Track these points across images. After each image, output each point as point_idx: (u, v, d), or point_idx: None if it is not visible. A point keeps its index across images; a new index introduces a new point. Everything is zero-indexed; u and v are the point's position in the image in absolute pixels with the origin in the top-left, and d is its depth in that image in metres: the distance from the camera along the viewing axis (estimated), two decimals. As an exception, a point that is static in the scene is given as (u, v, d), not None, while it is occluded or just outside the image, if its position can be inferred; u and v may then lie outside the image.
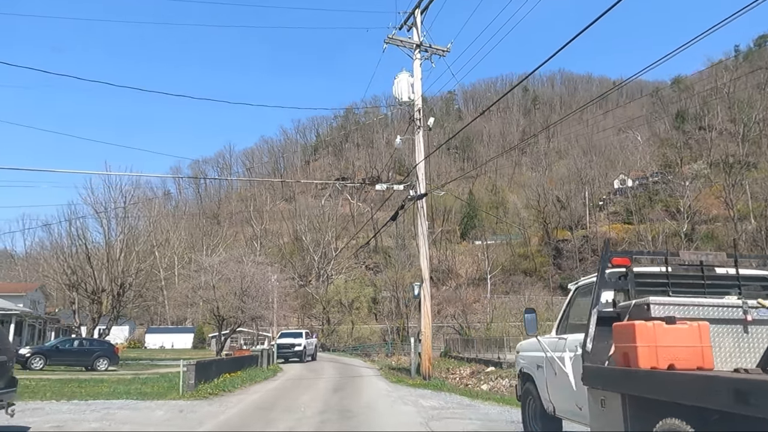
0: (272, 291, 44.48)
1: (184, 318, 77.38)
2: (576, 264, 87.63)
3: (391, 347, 64.80)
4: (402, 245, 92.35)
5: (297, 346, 32.17)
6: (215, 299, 36.68)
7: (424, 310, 19.37)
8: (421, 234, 19.81)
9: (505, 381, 36.51)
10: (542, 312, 68.58)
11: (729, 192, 78.16)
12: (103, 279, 31.74)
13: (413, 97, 20.37)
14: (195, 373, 14.78)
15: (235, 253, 48.21)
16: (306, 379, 21.00)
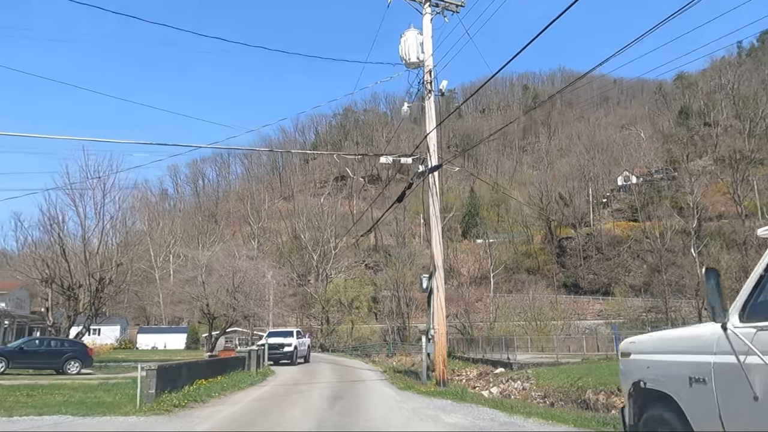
0: (268, 288, 41.26)
1: (181, 318, 74.30)
2: (580, 262, 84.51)
3: (392, 347, 61.95)
4: (402, 243, 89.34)
5: (287, 347, 28.22)
6: (205, 296, 33.45)
7: (437, 304, 16.17)
8: (434, 215, 16.61)
9: (517, 384, 33.19)
10: (546, 312, 65.63)
11: (737, 188, 75.06)
12: (79, 273, 28.47)
13: (423, 57, 17.20)
14: (156, 380, 11.56)
15: (227, 247, 44.81)
16: (300, 384, 17.76)
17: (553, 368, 33.26)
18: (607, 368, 29.71)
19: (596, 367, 30.68)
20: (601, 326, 69.54)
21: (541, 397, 28.89)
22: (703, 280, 4.01)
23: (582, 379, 27.19)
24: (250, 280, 35.37)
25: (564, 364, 34.98)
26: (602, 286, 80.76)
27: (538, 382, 30.69)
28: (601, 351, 45.79)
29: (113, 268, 30.11)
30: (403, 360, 55.77)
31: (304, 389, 15.94)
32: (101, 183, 28.66)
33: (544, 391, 28.92)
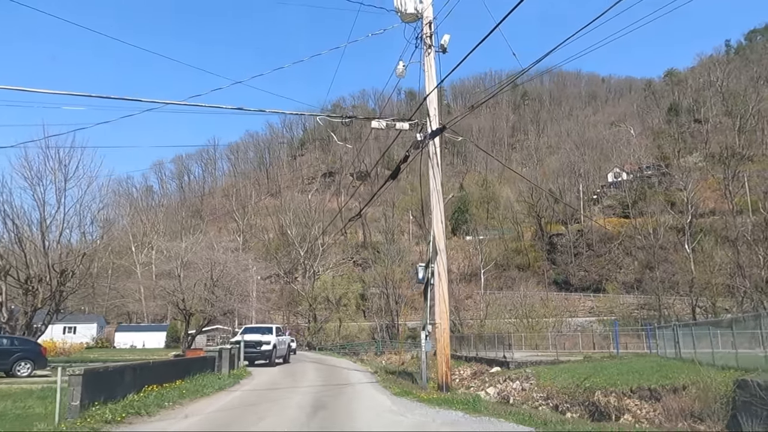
0: (251, 283, 38.31)
1: (165, 315, 71.05)
2: (571, 259, 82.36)
3: (381, 346, 59.50)
4: (391, 239, 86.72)
5: (264, 345, 24.51)
6: (181, 290, 30.42)
7: (439, 295, 13.47)
8: (434, 190, 13.92)
9: (515, 384, 30.51)
10: (538, 309, 63.20)
11: (728, 184, 73.32)
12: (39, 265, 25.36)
13: (421, 8, 14.49)
14: (83, 388, 8.72)
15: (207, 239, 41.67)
16: (277, 389, 14.95)
17: (553, 367, 30.72)
18: (615, 367, 27.17)
19: (601, 366, 28.18)
20: (593, 323, 67.57)
21: (544, 398, 26.25)
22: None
23: (589, 380, 24.60)
24: (231, 273, 32.36)
25: (564, 363, 32.46)
26: (593, 283, 78.72)
27: (539, 382, 28.07)
28: (597, 349, 43.60)
29: (77, 260, 26.99)
30: (392, 358, 53.13)
31: (280, 395, 13.15)
32: (62, 165, 25.55)
33: (547, 392, 26.30)
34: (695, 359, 25.05)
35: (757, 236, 65.91)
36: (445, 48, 14.50)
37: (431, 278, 18.71)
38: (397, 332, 69.93)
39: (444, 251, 13.67)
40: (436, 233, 13.68)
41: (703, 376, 19.97)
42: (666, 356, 29.07)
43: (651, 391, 22.15)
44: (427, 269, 18.92)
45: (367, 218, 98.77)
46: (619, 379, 23.53)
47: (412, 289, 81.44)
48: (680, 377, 21.84)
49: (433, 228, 13.79)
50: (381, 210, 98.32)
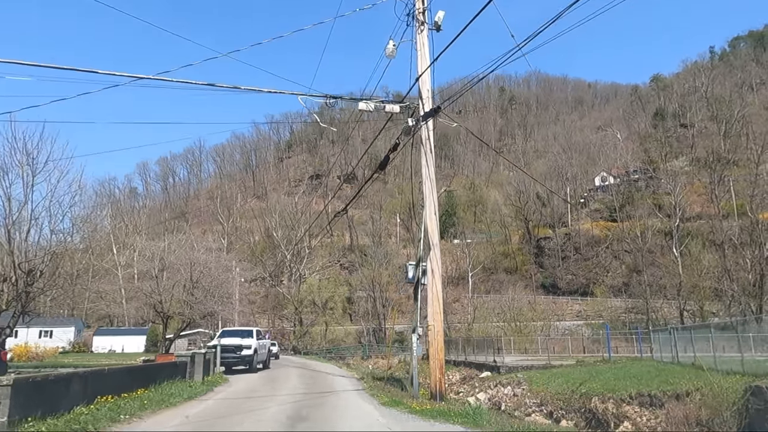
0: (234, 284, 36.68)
1: (149, 319, 68.77)
2: (558, 262, 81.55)
3: (368, 350, 57.96)
4: (378, 242, 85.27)
5: (245, 349, 22.38)
6: (158, 292, 28.74)
7: (433, 294, 12.12)
8: (427, 178, 12.59)
9: (507, 389, 29.18)
10: (526, 313, 62.14)
11: (715, 188, 73.08)
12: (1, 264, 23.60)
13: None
14: (13, 400, 7.23)
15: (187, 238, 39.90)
16: (254, 398, 13.48)
17: (545, 372, 29.49)
18: (610, 372, 26.01)
19: (596, 370, 27.01)
20: (581, 327, 66.81)
21: (537, 405, 24.95)
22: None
23: (585, 385, 23.34)
24: (212, 274, 30.71)
25: (557, 367, 31.27)
26: (581, 286, 77.94)
27: (532, 387, 26.80)
28: (587, 353, 42.58)
29: (46, 259, 25.20)
30: (379, 363, 51.68)
31: (256, 405, 11.69)
32: (30, 158, 23.80)
33: (540, 398, 25.01)
34: (695, 363, 23.98)
35: (744, 240, 65.62)
36: (439, 26, 13.20)
37: (422, 277, 17.41)
38: (384, 336, 68.50)
39: (438, 246, 12.34)
40: (429, 226, 12.35)
41: (709, 382, 18.87)
42: (662, 360, 28.01)
43: (651, 397, 20.96)
44: (418, 267, 17.58)
45: (354, 221, 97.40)
46: (617, 385, 22.32)
47: (400, 293, 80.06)
48: (682, 383, 20.66)
49: (425, 220, 12.45)
50: (368, 213, 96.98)
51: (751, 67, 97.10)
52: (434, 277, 12.10)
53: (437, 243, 12.34)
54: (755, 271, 53.56)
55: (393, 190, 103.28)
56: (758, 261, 52.28)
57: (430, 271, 12.14)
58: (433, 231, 12.34)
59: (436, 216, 12.46)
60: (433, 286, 12.05)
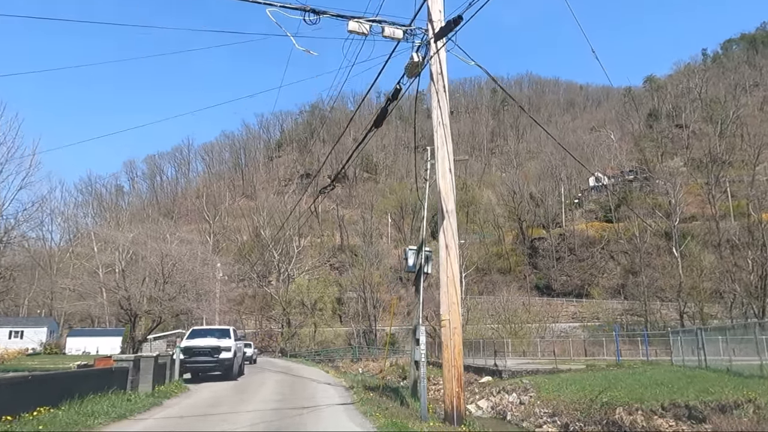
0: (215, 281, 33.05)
1: (118, 318, 64.75)
2: (553, 263, 78.56)
3: (357, 352, 54.68)
4: (369, 242, 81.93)
5: (224, 352, 18.38)
6: (125, 287, 25.12)
7: (448, 278, 8.75)
8: (440, 124, 9.26)
9: (512, 396, 25.90)
10: (521, 314, 59.06)
11: (711, 189, 70.55)
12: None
13: None
14: None
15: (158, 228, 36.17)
16: (209, 417, 10.00)
17: (553, 377, 26.19)
18: (630, 378, 22.74)
19: (612, 376, 23.77)
20: (576, 329, 63.98)
21: (549, 415, 21.55)
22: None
23: (605, 393, 20.04)
24: (187, 268, 27.12)
25: (564, 372, 28.04)
26: (575, 288, 75.09)
27: (541, 394, 23.42)
28: (589, 356, 39.55)
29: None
30: (370, 366, 48.21)
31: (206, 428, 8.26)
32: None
33: (552, 407, 21.60)
34: (732, 369, 20.82)
35: (745, 240, 63.04)
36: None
37: (425, 264, 14.06)
38: (374, 338, 65.27)
39: (453, 214, 9.00)
40: (442, 188, 9.01)
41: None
42: (685, 365, 24.89)
43: (689, 408, 17.64)
44: (420, 253, 14.25)
45: (344, 221, 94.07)
46: (644, 394, 19.02)
47: (391, 293, 76.67)
48: (725, 392, 17.43)
49: (438, 180, 9.11)
50: (359, 212, 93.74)
51: (744, 69, 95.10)
52: (449, 255, 8.74)
53: (453, 210, 9.00)
54: (757, 271, 50.91)
55: (384, 190, 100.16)
56: (761, 261, 49.71)
57: (444, 247, 8.78)
58: (447, 193, 8.99)
59: (452, 174, 9.13)
60: (448, 267, 8.70)
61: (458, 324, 8.70)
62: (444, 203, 9.07)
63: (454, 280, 8.75)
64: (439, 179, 9.22)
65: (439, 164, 9.27)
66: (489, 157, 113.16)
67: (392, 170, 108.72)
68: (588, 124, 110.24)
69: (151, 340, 33.67)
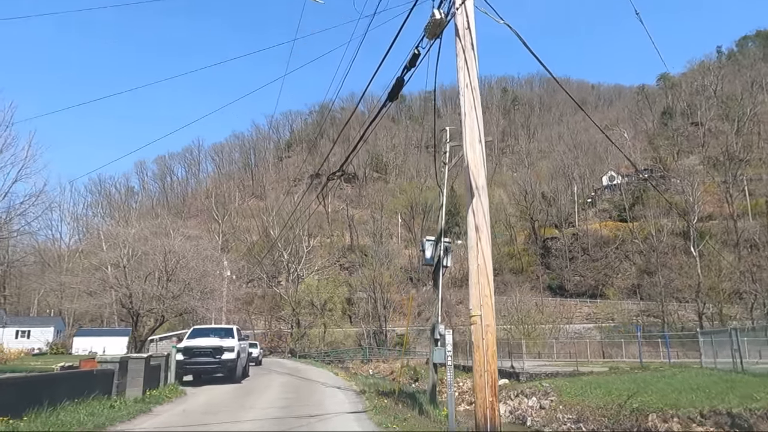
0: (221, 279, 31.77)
1: (120, 316, 63.74)
2: (566, 263, 76.70)
3: (368, 353, 53.36)
4: (379, 242, 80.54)
5: (227, 352, 16.96)
6: (126, 284, 23.85)
7: (479, 266, 7.29)
8: (467, 86, 7.82)
9: (531, 400, 24.36)
10: (534, 315, 57.39)
11: (729, 188, 68.49)
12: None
13: None
14: None
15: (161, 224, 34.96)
16: (200, 428, 8.62)
17: (575, 380, 24.57)
18: (661, 382, 21.10)
19: (641, 380, 22.15)
20: (590, 330, 62.19)
21: (573, 420, 20.02)
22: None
23: (635, 398, 18.46)
24: (191, 265, 25.82)
25: (586, 375, 26.44)
26: (589, 288, 73.17)
27: (562, 398, 21.86)
28: (606, 357, 37.95)
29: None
30: (380, 367, 46.78)
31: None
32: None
33: (577, 412, 20.05)
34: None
35: (765, 239, 61.00)
36: None
37: (444, 256, 12.61)
38: (385, 339, 63.88)
39: (485, 191, 7.55)
40: (471, 161, 7.58)
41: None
42: (717, 367, 23.24)
43: (732, 416, 16.05)
44: (438, 244, 12.81)
45: (354, 221, 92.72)
46: (679, 399, 17.42)
47: (401, 293, 75.21)
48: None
49: (465, 151, 7.69)
50: (369, 212, 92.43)
51: (760, 66, 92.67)
52: (480, 239, 7.30)
53: (484, 186, 7.56)
54: (780, 271, 49.05)
55: (395, 190, 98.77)
56: (784, 261, 47.87)
57: (473, 230, 7.35)
58: (476, 167, 7.56)
59: (482, 144, 7.70)
60: (479, 253, 7.26)
61: (492, 320, 7.25)
62: (473, 178, 7.63)
63: (486, 268, 7.30)
64: (467, 150, 7.79)
65: (467, 133, 7.83)
66: (500, 156, 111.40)
67: (402, 170, 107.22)
68: (600, 123, 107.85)
69: (157, 340, 32.42)
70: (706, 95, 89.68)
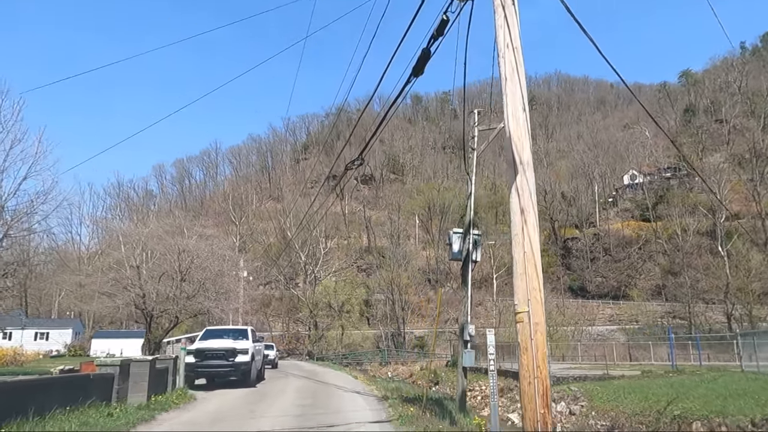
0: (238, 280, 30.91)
1: (133, 318, 63.40)
2: (587, 264, 74.77)
3: (386, 355, 52.23)
4: (397, 243, 79.43)
5: (241, 355, 15.97)
6: (140, 284, 23.03)
7: (525, 253, 6.15)
8: (508, 45, 6.67)
9: (560, 405, 22.78)
10: (555, 316, 55.81)
11: (756, 185, 66.16)
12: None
13: None
14: None
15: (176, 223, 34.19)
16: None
17: (606, 384, 23.07)
18: (702, 387, 19.56)
19: (678, 384, 20.61)
20: (614, 332, 60.46)
21: (607, 428, 18.54)
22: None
23: (676, 404, 16.98)
24: (205, 264, 24.93)
25: (617, 378, 24.94)
26: (611, 289, 71.20)
27: (593, 404, 20.36)
28: (633, 360, 36.34)
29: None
30: (399, 370, 45.65)
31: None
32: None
33: (611, 419, 18.59)
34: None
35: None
36: None
37: (473, 250, 11.45)
38: (403, 341, 62.75)
39: (530, 166, 6.42)
40: (514, 133, 6.46)
41: None
42: (760, 371, 21.68)
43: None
44: (467, 237, 11.64)
45: (371, 222, 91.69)
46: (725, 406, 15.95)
47: (419, 295, 73.97)
48: None
49: (507, 122, 6.56)
50: (386, 213, 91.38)
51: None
52: (526, 223, 6.17)
53: (529, 161, 6.43)
54: (811, 272, 47.11)
55: (412, 191, 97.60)
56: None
57: (518, 213, 6.22)
58: (520, 139, 6.44)
59: (526, 113, 6.59)
60: (525, 240, 6.13)
61: (541, 317, 6.12)
62: (517, 152, 6.49)
63: (533, 256, 6.16)
64: (509, 121, 6.65)
65: (508, 101, 6.70)
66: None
67: (419, 171, 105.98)
68: (620, 122, 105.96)
69: (173, 342, 31.61)
70: (730, 92, 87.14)
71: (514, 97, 6.70)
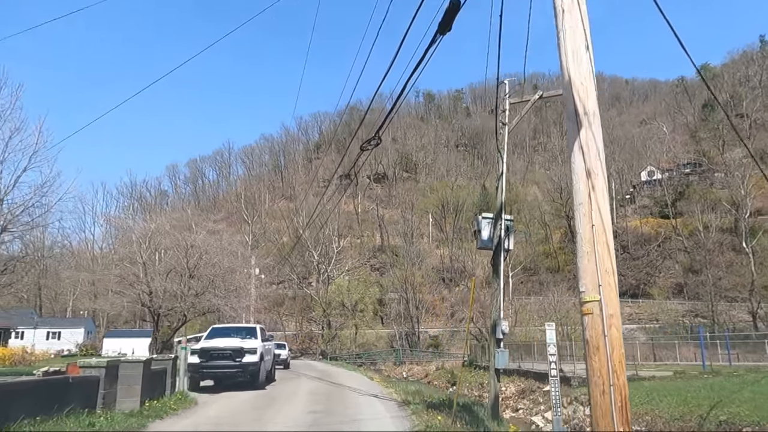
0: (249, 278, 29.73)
1: (140, 316, 62.80)
2: (605, 262, 72.78)
3: (401, 355, 50.97)
4: (410, 241, 78.10)
5: (249, 355, 14.82)
6: (146, 281, 21.93)
7: (593, 227, 4.82)
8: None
9: (588, 408, 21.16)
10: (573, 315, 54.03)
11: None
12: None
13: None
14: None
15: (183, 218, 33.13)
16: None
17: (637, 385, 21.48)
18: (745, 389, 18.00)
19: (718, 385, 19.08)
20: (634, 332, 58.52)
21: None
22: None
23: (720, 408, 15.45)
24: (214, 261, 23.78)
25: (647, 380, 23.38)
26: (630, 288, 69.15)
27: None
28: (657, 360, 34.67)
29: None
30: (414, 369, 44.36)
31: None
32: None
33: (646, 423, 17.09)
34: None
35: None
36: None
37: (506, 237, 10.08)
38: (417, 340, 61.40)
39: (597, 118, 5.09)
40: (575, 78, 5.11)
41: None
42: (803, 374, 20.08)
43: None
44: (498, 223, 10.28)
45: (384, 221, 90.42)
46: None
47: (433, 294, 72.52)
48: None
49: (565, 65, 5.22)
50: (399, 212, 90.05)
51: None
52: (594, 188, 4.84)
53: (595, 112, 5.12)
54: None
55: (425, 189, 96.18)
56: None
57: (583, 177, 4.89)
58: (583, 85, 5.10)
59: (589, 52, 5.25)
60: (592, 209, 4.80)
61: (616, 308, 4.78)
62: (580, 101, 5.16)
63: (605, 231, 4.83)
64: (568, 65, 5.30)
65: (566, 39, 5.34)
66: (532, 154, 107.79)
67: (432, 169, 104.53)
68: (636, 119, 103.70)
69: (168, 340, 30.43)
70: (750, 86, 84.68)
71: (574, 33, 5.34)
